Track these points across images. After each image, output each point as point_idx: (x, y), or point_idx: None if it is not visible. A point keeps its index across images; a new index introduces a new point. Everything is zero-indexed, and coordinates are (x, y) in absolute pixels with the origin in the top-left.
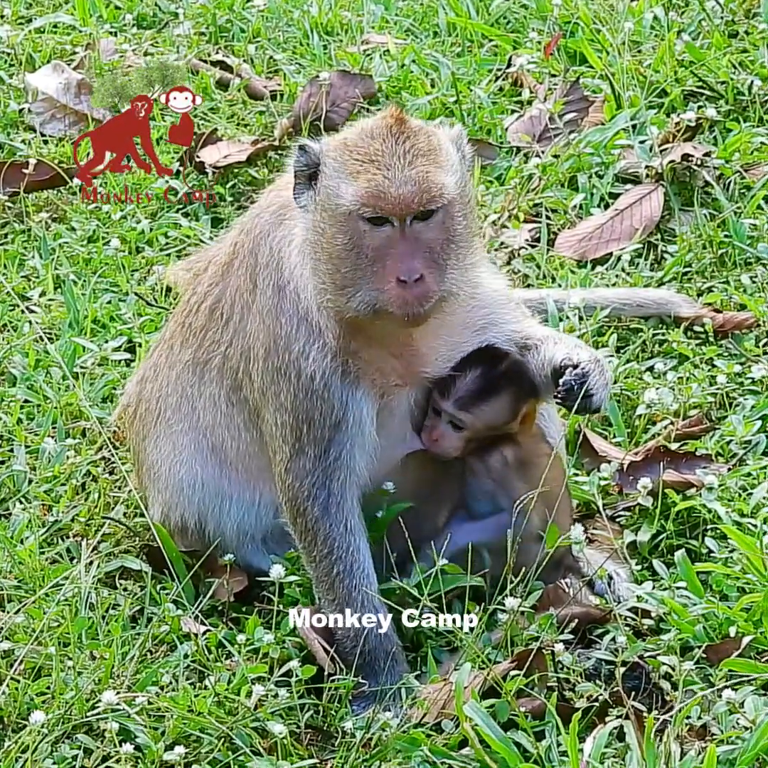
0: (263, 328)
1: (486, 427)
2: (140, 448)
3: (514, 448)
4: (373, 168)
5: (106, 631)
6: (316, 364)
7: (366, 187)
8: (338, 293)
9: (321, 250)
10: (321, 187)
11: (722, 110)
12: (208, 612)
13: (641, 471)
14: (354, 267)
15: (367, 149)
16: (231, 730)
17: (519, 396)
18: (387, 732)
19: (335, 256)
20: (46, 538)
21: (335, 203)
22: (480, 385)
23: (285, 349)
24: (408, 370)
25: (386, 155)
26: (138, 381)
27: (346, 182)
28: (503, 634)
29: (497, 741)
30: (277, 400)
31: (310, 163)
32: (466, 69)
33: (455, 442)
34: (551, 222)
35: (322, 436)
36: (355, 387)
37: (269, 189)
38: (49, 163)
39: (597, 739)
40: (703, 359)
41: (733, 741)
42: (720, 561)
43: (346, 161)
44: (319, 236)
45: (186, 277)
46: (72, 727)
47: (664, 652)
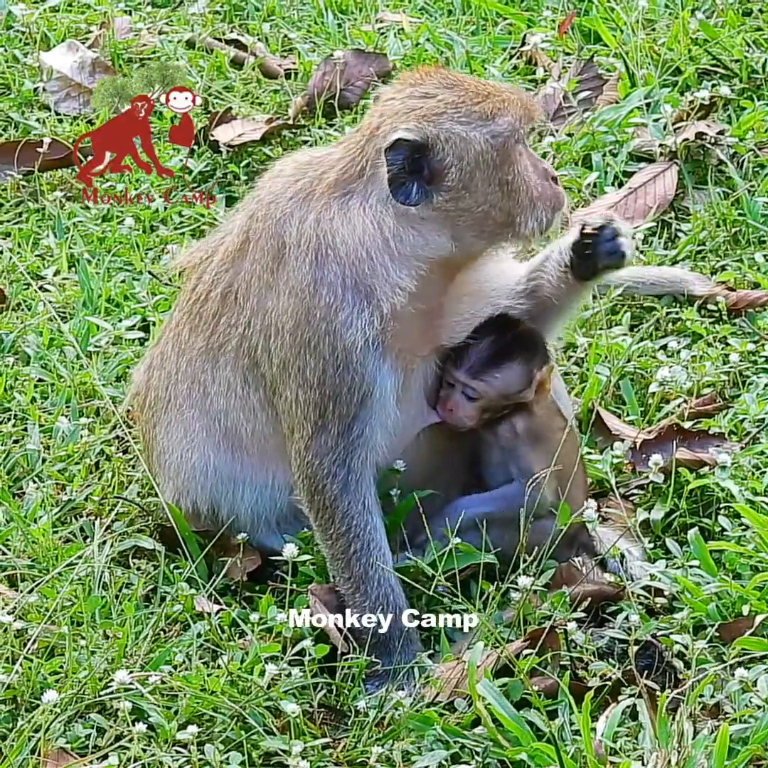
0: (294, 302)
1: (499, 395)
2: (151, 436)
3: (526, 418)
4: (502, 96)
5: (119, 610)
6: (359, 332)
7: (521, 108)
8: (502, 228)
9: (474, 203)
10: (454, 154)
11: (736, 88)
12: (221, 591)
13: (654, 449)
14: (520, 192)
15: (470, 92)
16: (244, 710)
17: (532, 362)
18: (400, 711)
19: (497, 195)
20: (60, 517)
21: (495, 143)
22: (492, 352)
23: (322, 320)
24: (432, 337)
25: (488, 86)
26: (146, 369)
27: (496, 119)
28: (516, 613)
29: (510, 720)
30: (301, 375)
31: (407, 155)
32: (480, 47)
33: (470, 411)
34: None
35: (348, 412)
36: (383, 361)
37: (268, 178)
38: (63, 142)
39: (610, 718)
40: (716, 337)
41: (746, 720)
42: (733, 539)
43: (471, 109)
44: (465, 200)
45: (187, 266)
46: (85, 707)
47: (677, 630)
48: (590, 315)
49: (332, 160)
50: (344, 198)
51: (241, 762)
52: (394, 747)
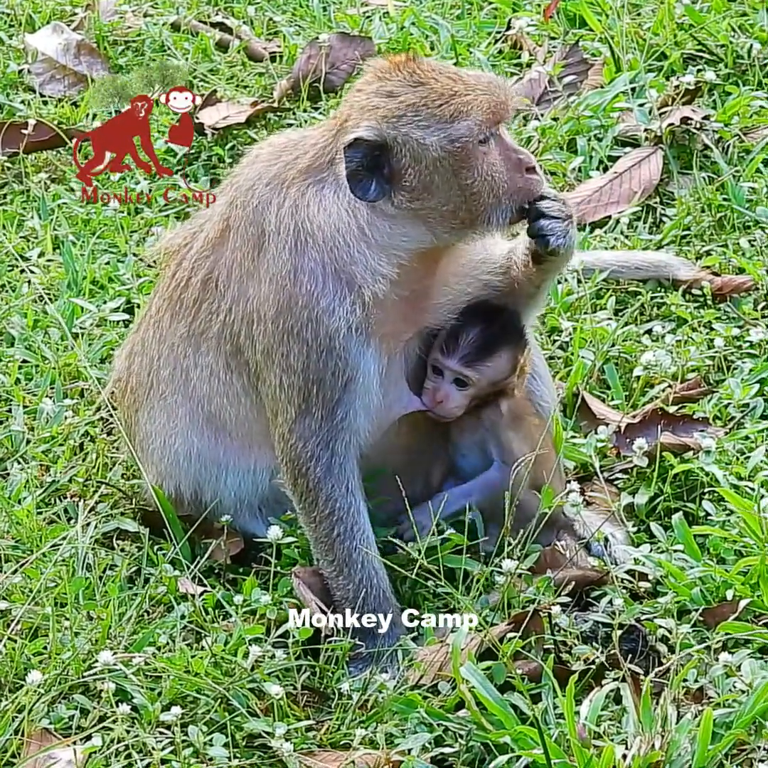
0: (274, 289)
1: (489, 383)
2: (133, 421)
3: (508, 400)
4: (465, 98)
5: (103, 591)
6: (341, 320)
7: (484, 110)
8: (473, 223)
9: (437, 203)
10: (411, 157)
11: (721, 73)
12: (205, 573)
13: (639, 433)
14: (485, 190)
15: (433, 94)
16: (228, 691)
17: (518, 349)
18: (384, 694)
19: (459, 197)
20: (44, 498)
21: (452, 149)
22: (484, 341)
23: (303, 308)
24: (417, 320)
25: (457, 84)
26: (126, 356)
27: (455, 124)
28: (500, 597)
29: (494, 703)
30: (285, 361)
31: (366, 154)
32: (465, 31)
33: (460, 400)
34: (550, 184)
35: (331, 397)
36: (366, 345)
37: (246, 163)
38: (48, 124)
39: (593, 702)
40: (701, 322)
41: (730, 704)
42: (717, 524)
43: (431, 113)
44: (427, 200)
45: (166, 252)
46: (69, 688)
47: (660, 615)
48: (575, 299)
49: (307, 145)
50: (318, 186)
51: (225, 744)
52: (378, 730)
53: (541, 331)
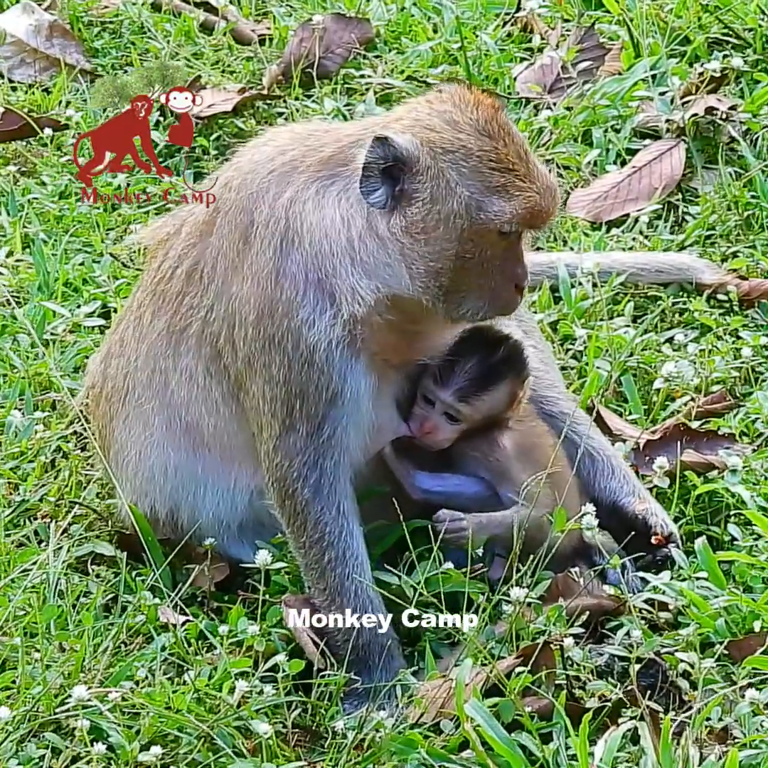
0: (256, 291)
1: (483, 418)
2: (108, 431)
3: (511, 434)
4: (518, 181)
5: (76, 620)
6: (321, 333)
7: (526, 206)
8: (446, 296)
9: (427, 253)
10: (431, 193)
11: (749, 60)
12: (187, 601)
13: (659, 451)
14: (473, 274)
15: (493, 154)
16: (212, 729)
17: (517, 382)
18: (381, 733)
19: (449, 262)
20: (12, 519)
21: (475, 216)
22: (481, 372)
23: (284, 316)
24: (410, 349)
25: (521, 163)
26: (102, 359)
27: (493, 197)
28: (508, 628)
29: (501, 743)
30: (267, 371)
31: (389, 157)
32: (471, 13)
33: (449, 434)
34: (563, 180)
35: (316, 412)
36: (355, 360)
37: (255, 144)
38: (17, 112)
39: (609, 742)
40: (727, 330)
41: (757, 745)
42: (744, 549)
43: (480, 169)
44: (420, 242)
45: (153, 242)
46: (39, 725)
47: (682, 647)
48: (590, 305)
49: (340, 135)
50: (327, 181)
51: None
52: None
53: (553, 340)
